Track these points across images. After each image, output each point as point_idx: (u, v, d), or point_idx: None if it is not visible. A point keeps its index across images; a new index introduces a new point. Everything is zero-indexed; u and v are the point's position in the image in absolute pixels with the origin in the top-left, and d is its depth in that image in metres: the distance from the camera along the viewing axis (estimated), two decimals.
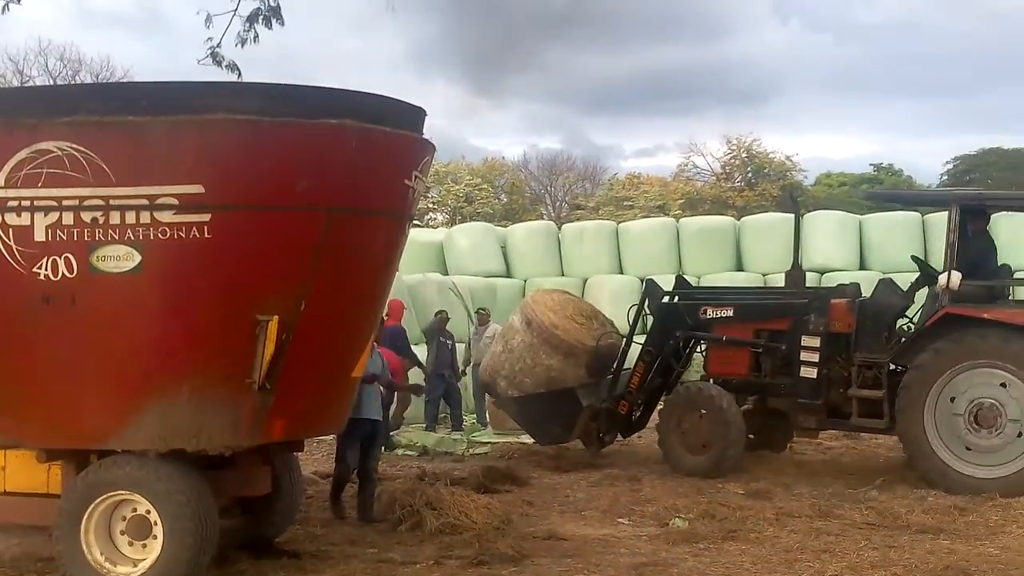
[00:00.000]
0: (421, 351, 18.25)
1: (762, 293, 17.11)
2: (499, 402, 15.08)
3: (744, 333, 14.04)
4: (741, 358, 14.01)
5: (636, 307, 15.05)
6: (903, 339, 13.17)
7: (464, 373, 19.21)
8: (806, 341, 13.36)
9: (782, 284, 15.36)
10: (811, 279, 15.15)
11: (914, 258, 15.01)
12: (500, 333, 15.32)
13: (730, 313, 14.23)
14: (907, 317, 13.68)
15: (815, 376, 13.24)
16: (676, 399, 14.13)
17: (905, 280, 14.24)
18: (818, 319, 13.31)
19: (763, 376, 13.93)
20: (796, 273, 14.53)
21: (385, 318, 17.35)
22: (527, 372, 14.40)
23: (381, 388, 11.52)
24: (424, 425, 17.83)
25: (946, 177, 56.62)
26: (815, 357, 13.27)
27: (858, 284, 14.18)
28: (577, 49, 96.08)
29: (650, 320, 15.13)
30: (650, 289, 14.98)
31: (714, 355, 14.34)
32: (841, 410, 13.29)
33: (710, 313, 14.28)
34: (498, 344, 15.03)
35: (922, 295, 13.71)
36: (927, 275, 13.73)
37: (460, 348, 19.41)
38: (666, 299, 14.82)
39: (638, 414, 14.87)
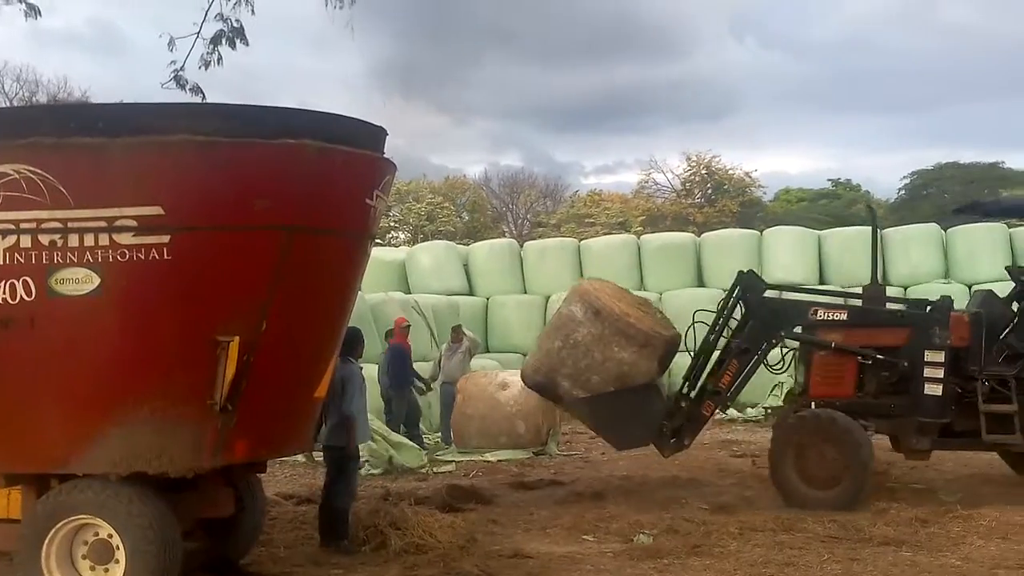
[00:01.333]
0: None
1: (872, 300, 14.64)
2: (564, 405, 13.19)
3: (854, 343, 12.81)
4: (849, 374, 12.78)
5: (730, 300, 13.35)
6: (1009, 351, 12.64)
7: (430, 389, 19.11)
8: (930, 356, 12.50)
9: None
10: (772, 295, 14.15)
11: (1009, 269, 14.16)
12: (553, 326, 13.11)
13: (843, 317, 12.99)
14: None
15: (940, 393, 12.46)
16: (797, 428, 12.59)
17: None
18: (942, 332, 12.51)
19: (867, 395, 12.81)
20: (877, 288, 13.70)
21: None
22: (596, 368, 12.54)
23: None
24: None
25: (903, 192, 57.15)
26: (939, 373, 12.47)
27: (950, 298, 13.29)
28: (536, 67, 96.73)
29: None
30: (749, 281, 13.19)
31: (819, 370, 12.87)
32: (952, 428, 12.60)
33: (821, 315, 12.97)
34: (552, 339, 12.91)
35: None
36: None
37: (422, 366, 19.35)
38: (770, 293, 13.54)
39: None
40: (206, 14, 12.06)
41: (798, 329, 13.06)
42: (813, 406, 12.77)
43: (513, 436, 17.21)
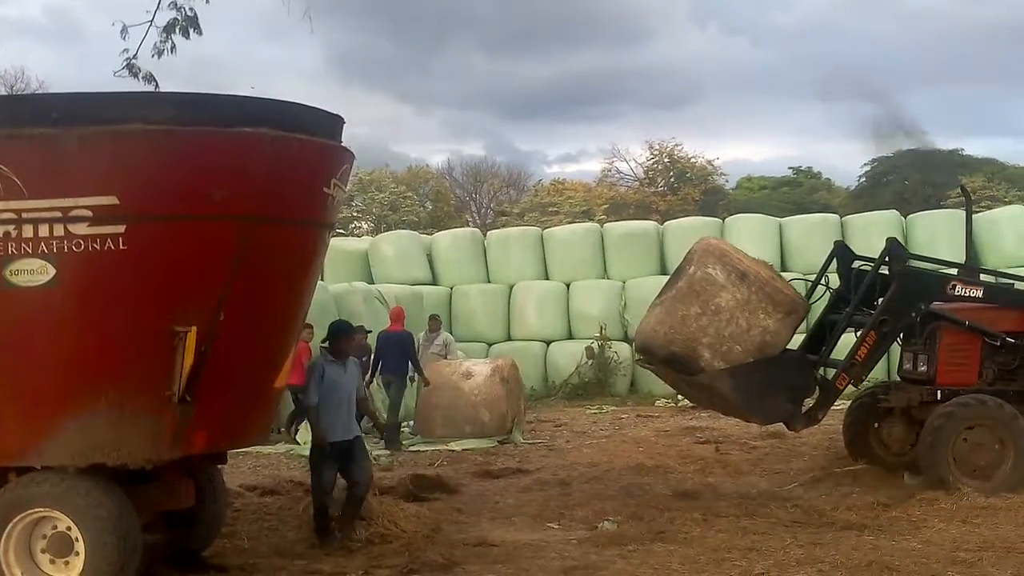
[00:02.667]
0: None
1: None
2: (704, 377, 11.68)
3: (984, 323, 12.38)
4: (974, 358, 12.41)
5: (826, 269, 13.03)
6: None
7: (412, 380, 18.76)
8: None
9: None
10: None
11: None
12: (688, 291, 11.71)
13: (979, 294, 12.48)
14: None
15: None
16: (961, 415, 11.83)
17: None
18: None
19: (988, 381, 12.41)
20: (973, 268, 13.33)
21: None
22: (739, 337, 11.50)
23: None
24: None
25: (864, 179, 57.49)
26: None
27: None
28: (497, 54, 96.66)
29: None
30: (895, 249, 12.42)
31: (947, 353, 12.38)
32: None
33: (959, 290, 12.37)
34: (688, 305, 11.64)
35: None
36: None
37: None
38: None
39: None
40: (159, 2, 11.93)
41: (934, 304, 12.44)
42: (939, 394, 12.23)
43: (478, 425, 17.20)
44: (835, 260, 13.30)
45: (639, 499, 11.90)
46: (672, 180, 58.86)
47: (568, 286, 25.24)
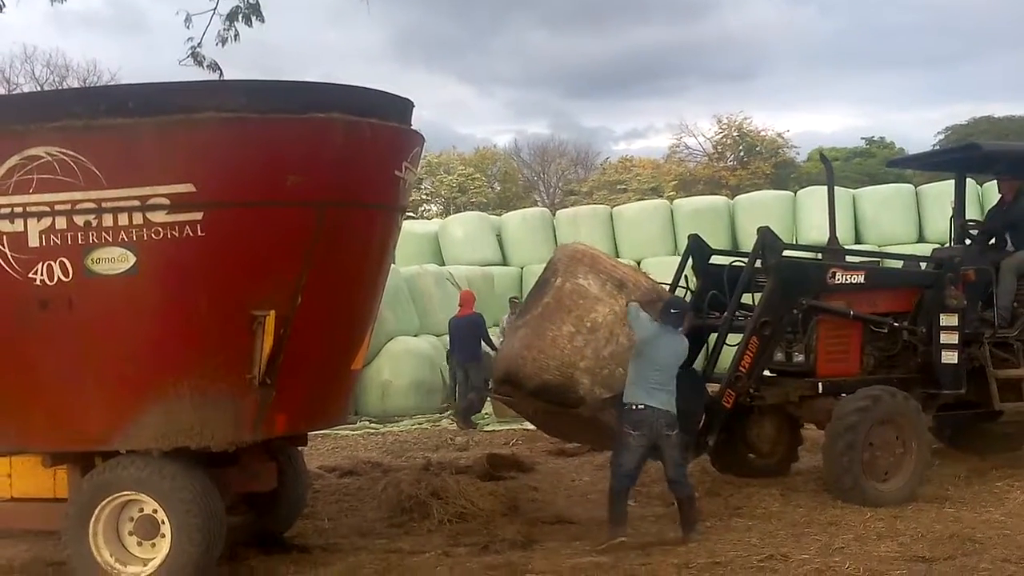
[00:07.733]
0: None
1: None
2: (586, 409, 9.92)
3: (869, 309, 11.21)
4: (855, 345, 11.18)
5: (684, 266, 11.71)
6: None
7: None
8: (945, 320, 11.17)
9: None
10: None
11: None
12: (557, 307, 10.02)
13: (860, 280, 11.19)
14: None
15: (956, 362, 11.20)
16: (869, 412, 10.50)
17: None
18: (954, 292, 11.20)
19: (872, 369, 11.25)
20: (837, 251, 12.12)
21: None
22: (620, 357, 9.74)
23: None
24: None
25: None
26: (955, 338, 11.21)
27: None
28: (559, 31, 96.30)
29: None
30: (768, 240, 10.78)
31: (827, 342, 11.08)
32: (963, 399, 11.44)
33: (839, 278, 11.00)
34: (559, 323, 9.92)
35: None
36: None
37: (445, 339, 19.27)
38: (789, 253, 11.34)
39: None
40: None
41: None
42: (820, 387, 11.04)
43: None
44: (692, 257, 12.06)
45: (715, 475, 11.85)
46: (742, 154, 58.49)
47: (639, 263, 25.07)
